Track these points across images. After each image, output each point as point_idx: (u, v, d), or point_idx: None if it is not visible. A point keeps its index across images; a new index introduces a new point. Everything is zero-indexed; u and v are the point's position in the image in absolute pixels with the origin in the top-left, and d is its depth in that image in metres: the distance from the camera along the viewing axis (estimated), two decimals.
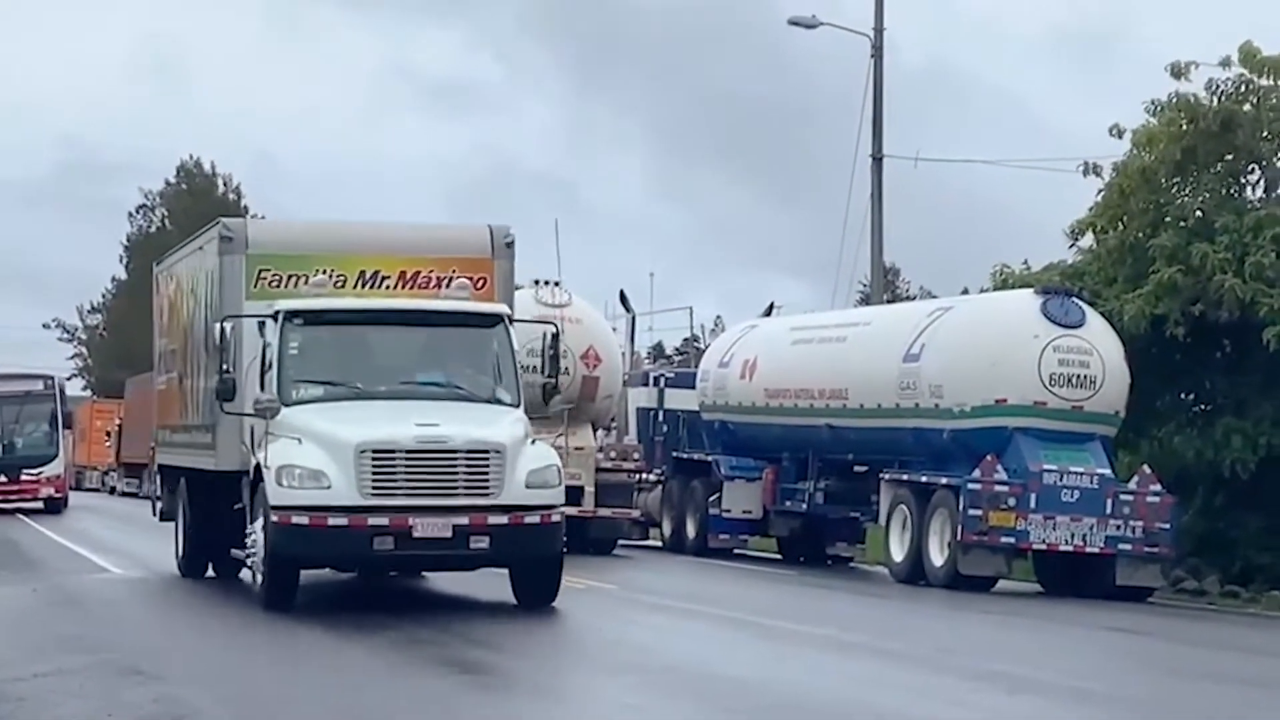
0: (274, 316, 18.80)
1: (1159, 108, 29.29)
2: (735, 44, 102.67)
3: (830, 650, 16.59)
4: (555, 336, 19.65)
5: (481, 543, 17.50)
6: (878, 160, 39.03)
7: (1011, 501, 24.94)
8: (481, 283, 19.71)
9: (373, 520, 17.30)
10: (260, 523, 17.82)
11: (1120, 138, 29.70)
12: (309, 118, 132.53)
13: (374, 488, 17.37)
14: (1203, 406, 29.71)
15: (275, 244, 20.00)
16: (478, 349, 19.12)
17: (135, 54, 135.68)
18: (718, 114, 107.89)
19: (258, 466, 17.93)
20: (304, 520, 17.30)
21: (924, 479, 26.26)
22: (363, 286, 19.72)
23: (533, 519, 17.62)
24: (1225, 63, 29.05)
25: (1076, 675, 15.30)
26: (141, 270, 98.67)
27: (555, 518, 17.84)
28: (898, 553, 26.70)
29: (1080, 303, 26.45)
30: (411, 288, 19.80)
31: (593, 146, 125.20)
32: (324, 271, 19.47)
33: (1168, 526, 25.30)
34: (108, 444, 69.94)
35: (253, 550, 18.13)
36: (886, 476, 27.30)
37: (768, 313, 36.90)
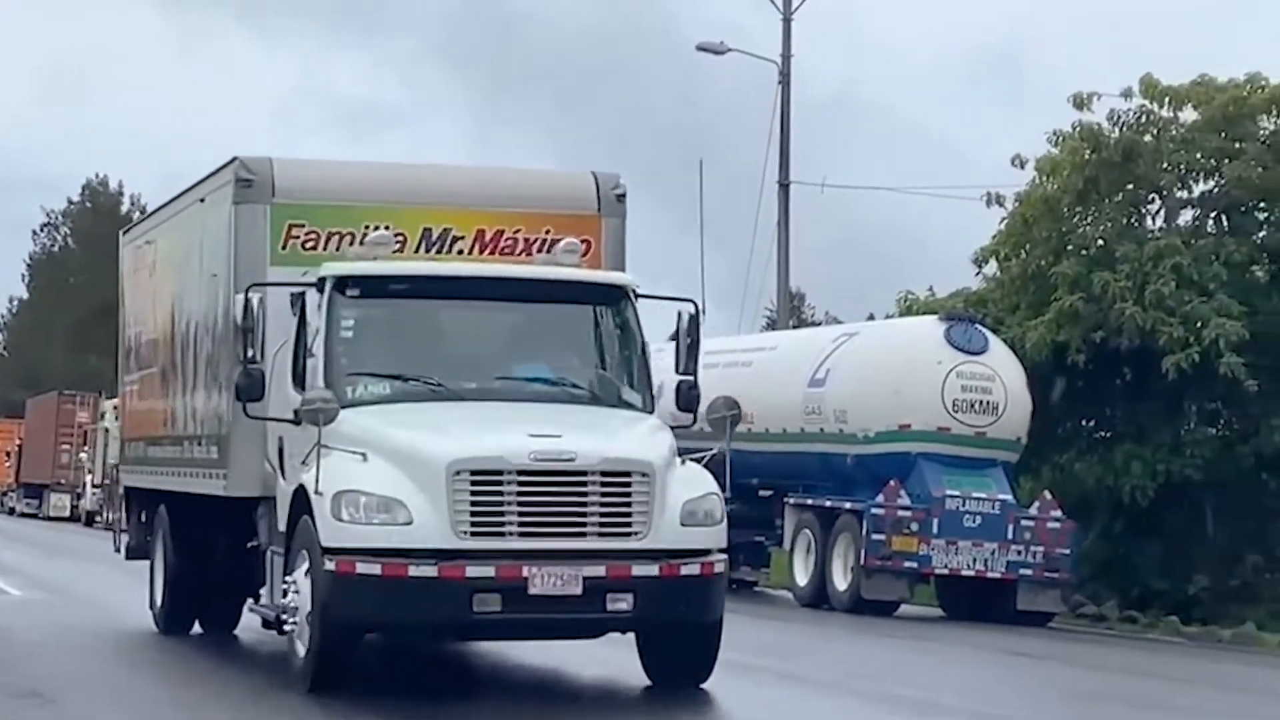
0: (319, 286, 13.99)
1: (1062, 137, 29.61)
2: (643, 69, 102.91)
3: (734, 674, 16.63)
4: (695, 319, 14.51)
5: (622, 602, 12.90)
6: (785, 186, 39.24)
7: (914, 526, 25.09)
8: (585, 247, 14.86)
9: (473, 570, 12.65)
10: (305, 570, 13.16)
11: (1023, 167, 30.05)
12: (216, 137, 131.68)
13: (474, 524, 12.71)
14: (1103, 433, 30.02)
15: (311, 191, 15.05)
16: (596, 334, 14.54)
17: (40, 73, 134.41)
18: (625, 140, 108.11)
19: (300, 492, 13.26)
20: (373, 569, 12.62)
21: (828, 503, 26.40)
22: (426, 250, 14.87)
23: (690, 569, 13.08)
24: (1127, 94, 29.44)
25: (978, 699, 15.43)
26: (44, 289, 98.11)
27: (718, 567, 13.33)
28: (802, 577, 26.82)
29: (983, 329, 26.67)
30: (491, 252, 15.01)
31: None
32: (380, 227, 14.55)
33: (1068, 552, 25.51)
34: (7, 464, 69.34)
35: (291, 609, 13.35)
36: (791, 501, 27.42)
37: (673, 338, 36.82)
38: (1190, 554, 28.44)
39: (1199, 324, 27.32)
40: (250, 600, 15.79)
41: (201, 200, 16.34)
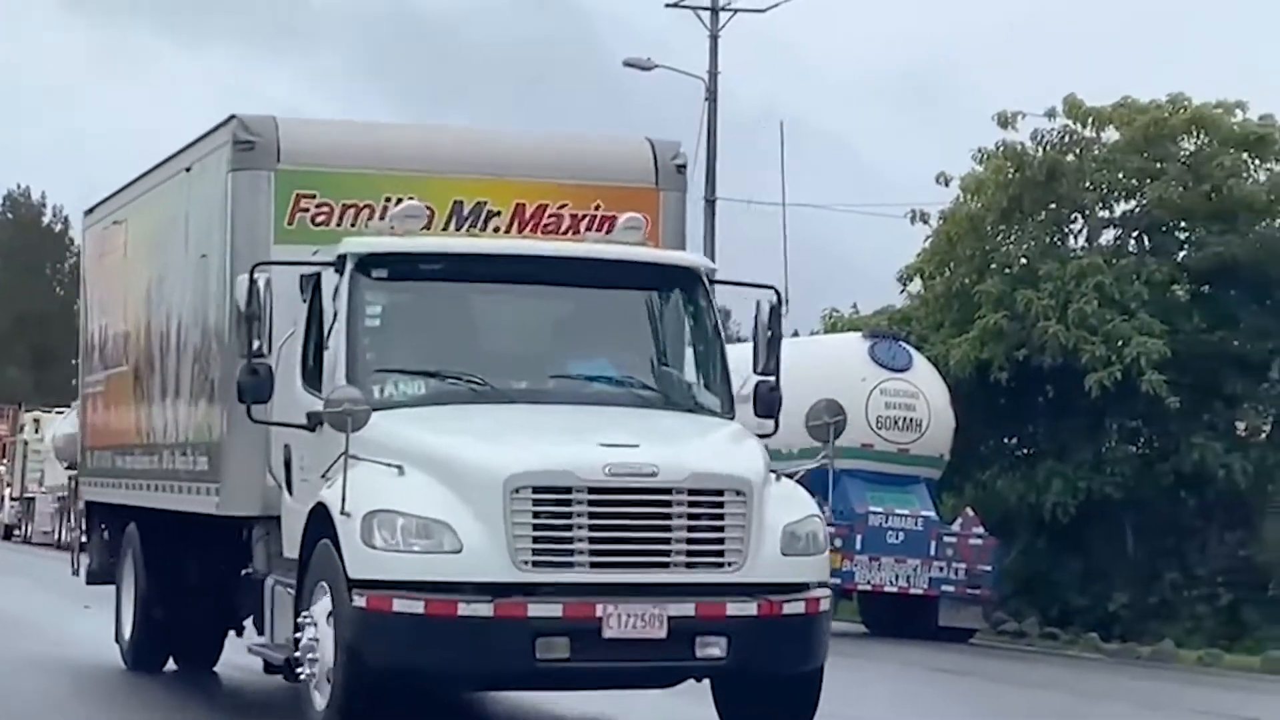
0: (338, 266, 11.83)
1: (986, 156, 29.78)
2: (570, 85, 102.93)
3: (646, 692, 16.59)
4: (776, 310, 12.53)
5: (714, 647, 10.82)
6: (711, 203, 39.35)
7: (838, 543, 25.06)
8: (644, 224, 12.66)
9: (536, 608, 10.56)
10: (325, 607, 11.00)
11: (947, 185, 30.21)
12: (140, 149, 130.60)
13: (537, 553, 10.62)
14: (1026, 450, 30.19)
15: (323, 156, 12.85)
16: (666, 325, 12.49)
17: None
18: None
19: (319, 511, 11.11)
20: (414, 606, 10.50)
21: None
22: (457, 228, 12.76)
23: (794, 606, 11.04)
24: (1051, 113, 29.64)
25: (900, 714, 15.47)
26: None
27: (824, 604, 11.33)
28: None
29: (907, 347, 26.78)
30: (533, 230, 12.89)
31: None
32: (405, 199, 12.27)
33: (990, 569, 25.63)
34: None
35: (308, 654, 11.14)
36: None
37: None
38: (1110, 571, 28.62)
39: (1121, 342, 27.52)
40: (248, 638, 13.70)
41: (187, 169, 14.14)
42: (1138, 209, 29.87)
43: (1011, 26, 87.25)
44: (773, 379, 12.37)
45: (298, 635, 11.23)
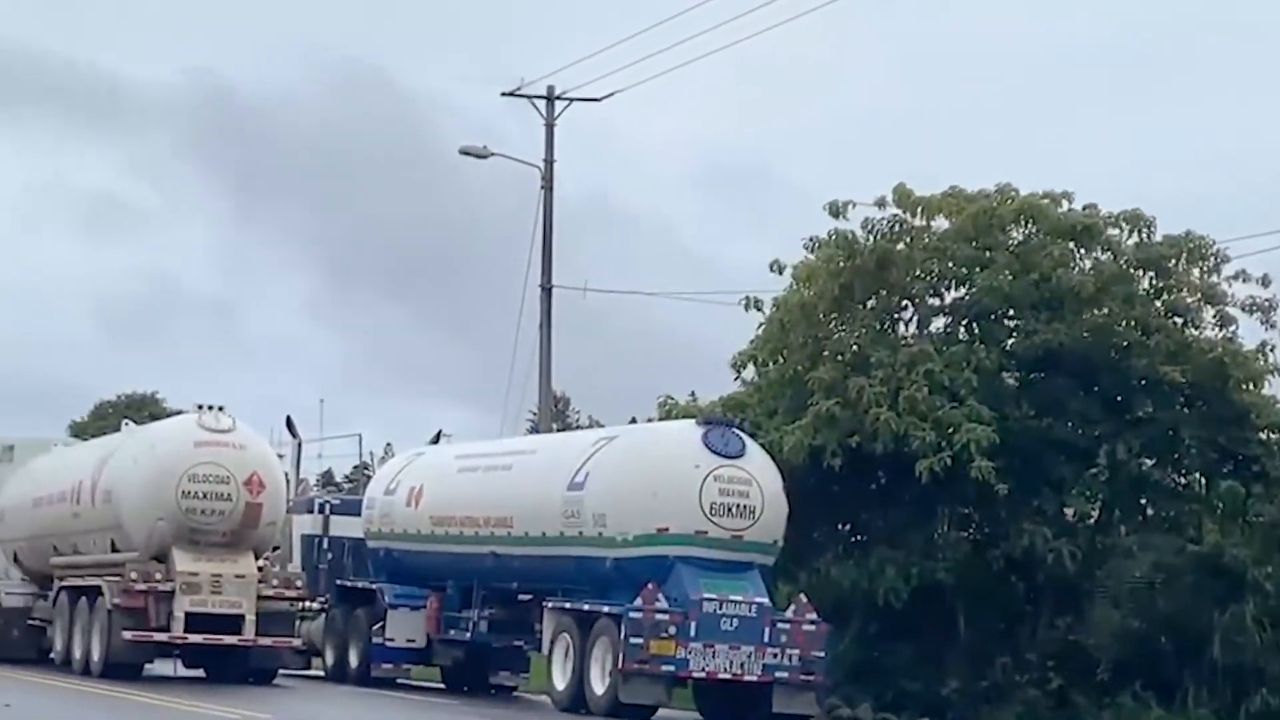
0: None
1: (818, 244, 30.03)
2: (406, 173, 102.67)
3: None
4: None
5: None
6: (547, 290, 39.51)
7: (672, 630, 25.13)
8: None
9: None
10: None
11: (780, 273, 30.38)
12: None
13: None
14: (858, 537, 30.38)
15: None
16: None
17: None
18: (387, 242, 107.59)
19: None
20: None
21: (586, 607, 26.36)
22: None
23: None
24: (881, 202, 29.98)
25: None
26: None
27: None
28: (560, 681, 26.70)
29: (741, 433, 26.90)
30: None
31: (257, 271, 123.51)
32: None
33: (823, 655, 25.73)
34: None
35: None
36: (550, 605, 27.32)
37: (435, 440, 36.91)
38: (942, 656, 28.84)
39: (950, 429, 27.82)
40: None
41: None
42: (967, 297, 30.22)
43: (835, 122, 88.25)
44: None
45: None
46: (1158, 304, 29.89)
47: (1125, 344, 29.46)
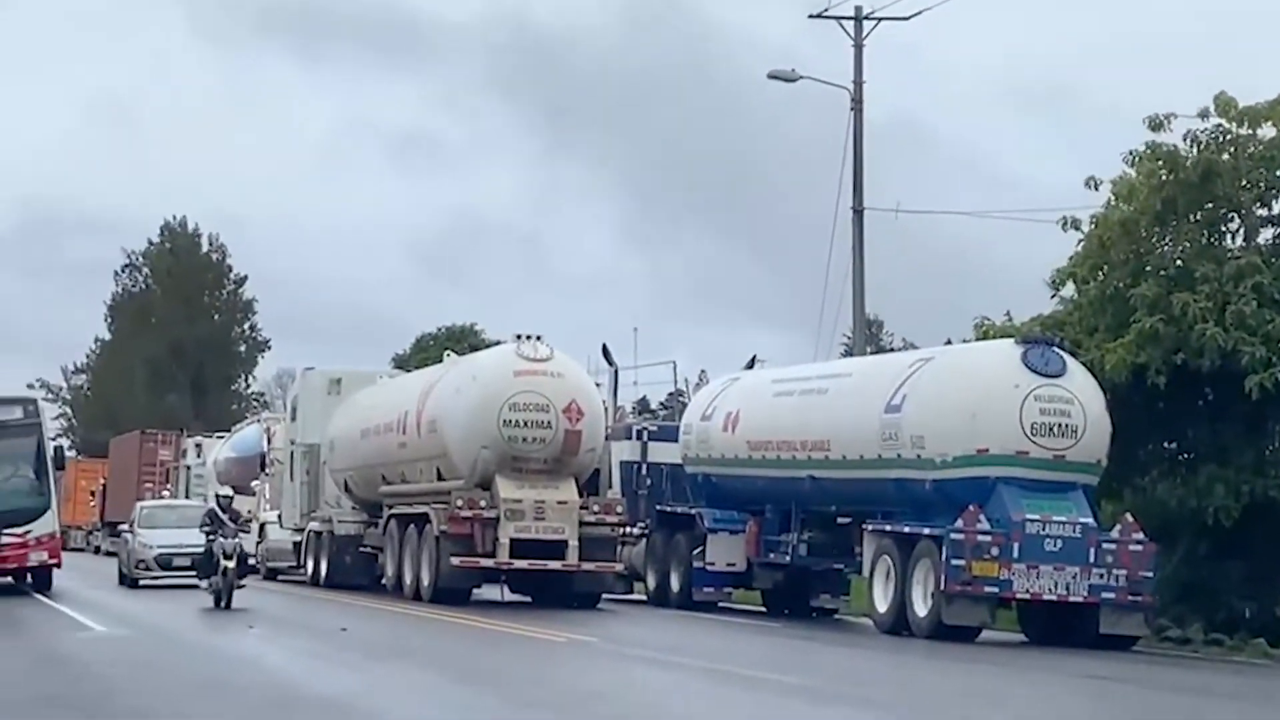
0: None
1: (1137, 158, 29.38)
2: (710, 100, 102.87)
3: (814, 702, 16.54)
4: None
5: None
6: (859, 213, 39.15)
7: (995, 551, 24.90)
8: None
9: None
10: None
11: (1096, 189, 29.77)
12: (268, 173, 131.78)
13: None
14: (1185, 455, 29.72)
15: None
16: None
17: (91, 114, 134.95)
18: (695, 170, 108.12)
19: None
20: None
21: (907, 529, 26.23)
22: None
23: None
24: (1203, 114, 29.15)
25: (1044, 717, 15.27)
26: (125, 330, 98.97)
27: None
28: (881, 604, 26.64)
29: (1061, 352, 26.48)
30: None
31: (566, 202, 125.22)
32: None
33: (1151, 575, 25.28)
34: (92, 503, 69.85)
35: None
36: (869, 527, 27.26)
37: (750, 366, 37.01)
38: (1276, 576, 28.10)
39: None
40: None
41: None
42: None
43: (1146, 34, 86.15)
44: None
45: None
46: None
47: None
